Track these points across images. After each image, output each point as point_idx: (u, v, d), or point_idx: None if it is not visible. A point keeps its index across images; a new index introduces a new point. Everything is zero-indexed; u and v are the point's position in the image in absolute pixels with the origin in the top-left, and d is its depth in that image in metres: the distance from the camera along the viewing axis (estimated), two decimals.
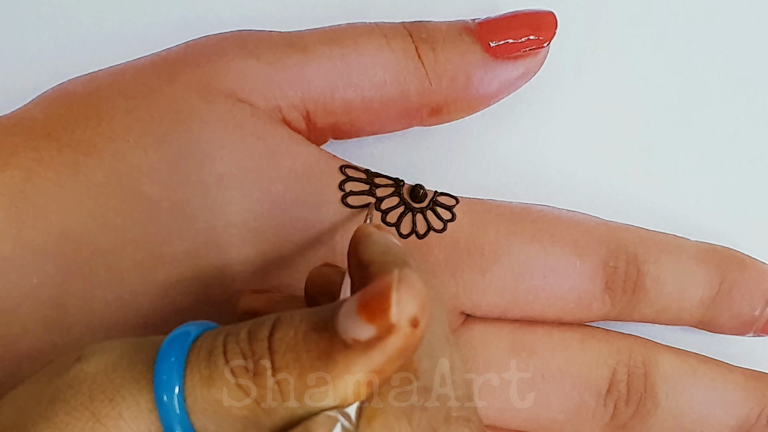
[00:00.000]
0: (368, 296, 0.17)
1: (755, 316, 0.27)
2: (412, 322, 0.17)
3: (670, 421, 0.27)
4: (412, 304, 0.17)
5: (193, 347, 0.19)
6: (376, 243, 0.21)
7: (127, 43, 0.29)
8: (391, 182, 0.27)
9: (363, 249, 0.21)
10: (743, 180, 0.30)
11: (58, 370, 0.19)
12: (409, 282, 0.17)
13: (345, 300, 0.18)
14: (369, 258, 0.20)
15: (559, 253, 0.27)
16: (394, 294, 0.17)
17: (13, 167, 0.24)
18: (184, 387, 0.18)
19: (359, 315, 0.17)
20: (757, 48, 0.30)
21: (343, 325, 0.17)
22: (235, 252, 0.25)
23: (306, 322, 0.18)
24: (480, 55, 0.27)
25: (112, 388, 0.18)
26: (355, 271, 0.21)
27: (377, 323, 0.17)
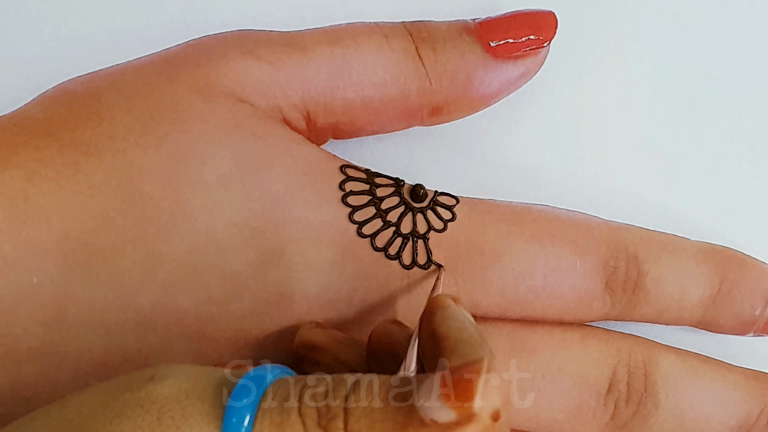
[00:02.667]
0: (454, 378, 0.17)
1: (755, 315, 0.27)
2: (494, 415, 0.17)
3: (671, 421, 0.27)
4: (498, 396, 0.17)
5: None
6: (452, 318, 0.21)
7: (127, 42, 0.29)
8: (392, 182, 0.27)
9: (438, 321, 0.21)
10: (743, 180, 0.30)
11: (129, 385, 0.19)
12: (496, 375, 0.17)
13: (427, 376, 0.18)
14: (444, 332, 0.20)
15: (559, 253, 0.27)
16: (481, 384, 0.17)
17: (13, 167, 0.24)
18: (252, 429, 0.18)
19: (442, 396, 0.17)
20: (757, 48, 0.31)
21: (424, 402, 0.17)
22: (235, 252, 0.25)
23: (384, 390, 0.18)
24: (480, 55, 0.27)
25: (181, 415, 0.18)
26: (427, 341, 0.21)
27: (458, 409, 0.17)
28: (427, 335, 0.21)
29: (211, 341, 0.25)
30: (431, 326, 0.21)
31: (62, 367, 0.24)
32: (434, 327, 0.21)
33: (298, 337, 0.25)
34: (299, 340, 0.25)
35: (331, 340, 0.24)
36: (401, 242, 0.26)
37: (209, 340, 0.25)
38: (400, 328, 0.24)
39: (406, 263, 0.26)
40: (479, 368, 0.17)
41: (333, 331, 0.25)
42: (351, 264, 0.26)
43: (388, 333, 0.24)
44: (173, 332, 0.24)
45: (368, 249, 0.26)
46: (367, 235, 0.26)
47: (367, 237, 0.26)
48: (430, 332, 0.21)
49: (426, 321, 0.22)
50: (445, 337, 0.20)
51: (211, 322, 0.25)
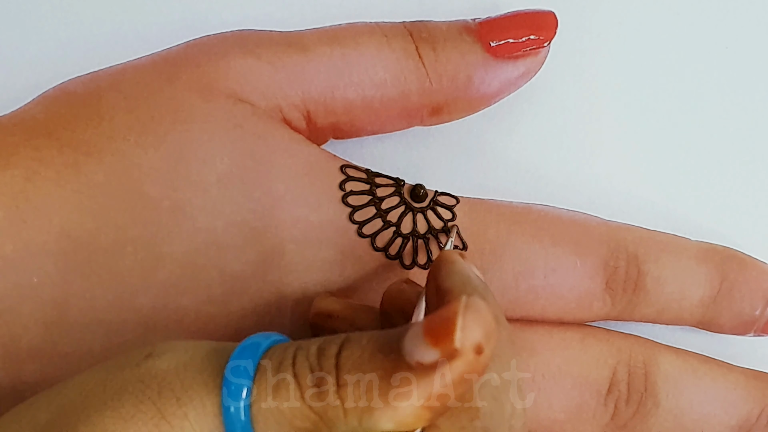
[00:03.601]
0: (435, 320, 0.17)
1: (756, 315, 0.27)
2: (476, 348, 0.17)
3: (671, 421, 0.27)
4: (477, 330, 0.17)
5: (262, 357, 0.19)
6: (457, 272, 0.21)
7: (127, 42, 0.29)
8: (392, 182, 0.27)
9: (444, 276, 0.21)
10: (743, 180, 0.30)
11: (127, 362, 0.20)
12: (476, 309, 0.17)
13: (413, 323, 0.18)
14: (449, 286, 0.21)
15: (559, 253, 0.27)
16: (459, 319, 0.17)
17: (13, 167, 0.24)
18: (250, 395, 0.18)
19: (425, 338, 0.17)
20: (757, 48, 0.31)
21: (408, 347, 0.17)
22: (235, 252, 0.25)
23: (373, 342, 0.18)
24: (480, 55, 0.27)
25: (180, 387, 0.19)
26: (433, 296, 0.21)
27: (441, 347, 0.17)
28: (434, 291, 0.21)
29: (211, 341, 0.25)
30: (437, 281, 0.21)
31: (63, 366, 0.24)
32: (439, 282, 0.21)
33: (314, 306, 0.25)
34: (315, 310, 0.25)
35: (346, 308, 0.24)
36: (401, 242, 0.26)
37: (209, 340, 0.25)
38: (412, 287, 0.24)
39: (406, 263, 0.26)
40: (458, 305, 0.17)
41: (347, 299, 0.25)
42: (351, 264, 0.26)
43: (400, 292, 0.24)
44: (173, 332, 0.24)
45: (368, 249, 0.26)
46: (367, 235, 0.26)
47: (368, 237, 0.26)
48: (436, 288, 0.21)
49: (433, 277, 0.22)
50: (449, 291, 0.20)
51: (211, 321, 0.25)
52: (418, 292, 0.24)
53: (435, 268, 0.22)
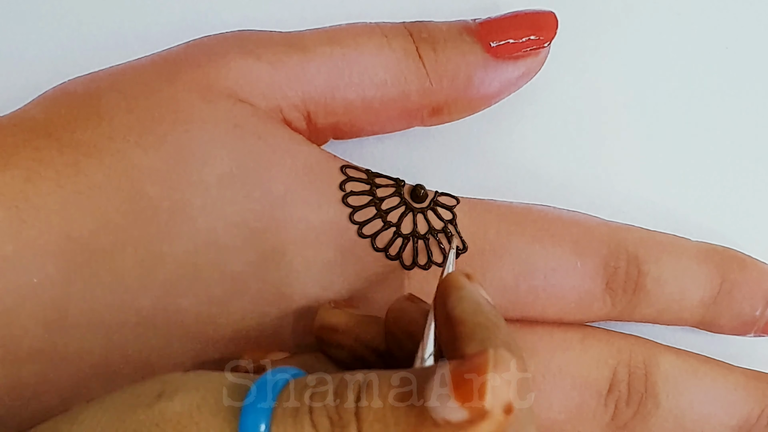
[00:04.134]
0: (463, 377, 0.17)
1: (756, 316, 0.27)
2: (506, 408, 0.17)
3: (671, 422, 0.27)
4: (507, 390, 0.16)
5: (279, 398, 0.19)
6: (466, 300, 0.21)
7: (127, 43, 0.29)
8: (392, 182, 0.27)
9: (453, 304, 0.21)
10: (744, 180, 0.30)
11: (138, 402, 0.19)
12: (505, 366, 0.17)
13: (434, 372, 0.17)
14: (459, 316, 0.20)
15: (559, 253, 0.27)
16: (490, 379, 0.16)
17: (13, 167, 0.24)
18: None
19: (452, 395, 0.17)
20: (757, 48, 0.31)
21: (434, 402, 0.17)
22: (235, 252, 0.25)
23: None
24: (481, 55, 0.27)
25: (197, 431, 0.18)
26: (443, 324, 0.21)
27: (470, 407, 0.17)
28: (443, 318, 0.21)
29: (211, 341, 0.25)
30: (446, 309, 0.21)
31: (62, 367, 0.24)
32: (449, 310, 0.21)
33: (318, 320, 0.25)
34: (319, 323, 0.24)
35: (351, 321, 0.24)
36: (402, 243, 0.26)
37: (209, 341, 0.25)
38: (415, 306, 0.24)
39: (406, 264, 0.26)
40: (486, 362, 0.17)
41: (351, 310, 0.25)
42: (351, 264, 0.26)
43: (402, 311, 0.23)
44: (174, 332, 0.24)
45: (369, 249, 0.26)
46: (367, 236, 0.26)
47: (368, 237, 0.26)
48: (445, 315, 0.21)
49: (440, 303, 0.21)
50: (461, 322, 0.20)
51: (211, 322, 0.25)
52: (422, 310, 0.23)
53: (442, 294, 0.21)
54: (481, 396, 0.16)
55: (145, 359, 0.24)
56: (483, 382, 0.16)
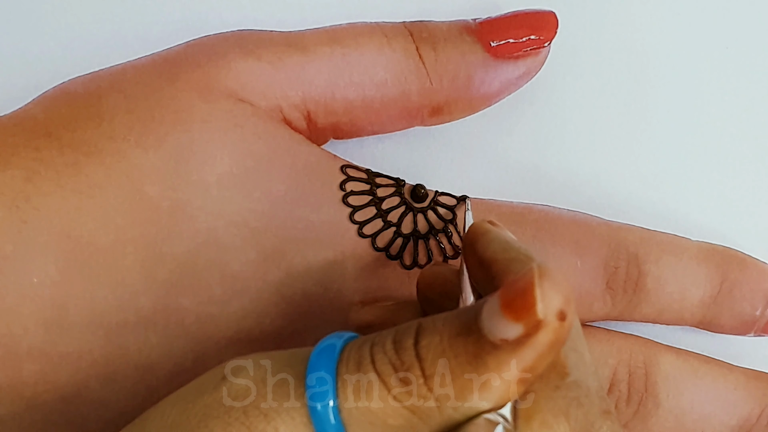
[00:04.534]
0: (511, 295, 0.17)
1: (756, 316, 0.27)
2: (559, 315, 0.17)
3: (671, 421, 0.27)
4: (557, 297, 0.16)
5: (340, 359, 0.19)
6: (495, 240, 0.21)
7: (127, 42, 0.29)
8: (392, 182, 0.27)
9: (482, 247, 0.21)
10: (744, 180, 0.30)
11: (203, 388, 0.19)
12: (551, 275, 0.17)
13: (485, 301, 0.18)
14: (491, 256, 0.20)
15: (560, 253, 0.27)
16: (537, 289, 0.16)
17: (13, 167, 0.24)
18: (337, 399, 0.18)
19: (504, 314, 0.17)
20: (757, 48, 0.31)
21: (489, 326, 0.17)
22: (235, 252, 0.25)
23: (449, 326, 0.18)
24: (481, 55, 0.27)
25: (264, 403, 0.19)
26: (477, 270, 0.21)
27: (524, 321, 0.17)
28: (476, 265, 0.21)
29: (211, 341, 0.25)
30: (477, 254, 0.21)
31: (62, 367, 0.24)
32: (480, 254, 0.21)
33: (352, 323, 0.25)
34: (355, 325, 0.25)
35: (383, 313, 0.24)
36: (402, 242, 0.26)
37: (210, 340, 0.25)
38: (445, 268, 0.24)
39: (406, 264, 0.26)
40: (532, 275, 0.16)
41: (381, 303, 0.25)
42: (352, 264, 0.26)
43: (435, 275, 0.24)
44: (174, 332, 0.24)
45: (369, 249, 0.26)
46: (367, 236, 0.26)
47: (368, 237, 0.26)
48: (477, 261, 0.21)
49: (470, 251, 0.21)
50: (494, 261, 0.20)
51: (211, 322, 0.25)
52: (453, 270, 0.24)
53: (470, 242, 0.22)
54: (533, 307, 0.16)
55: (146, 359, 0.24)
56: (532, 294, 0.16)
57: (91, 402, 0.24)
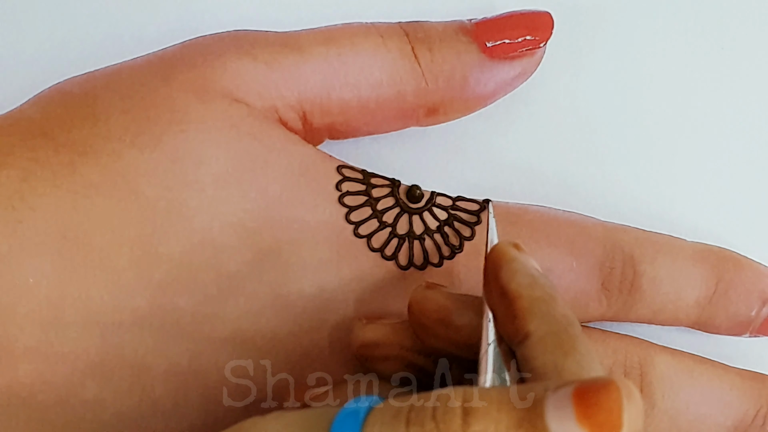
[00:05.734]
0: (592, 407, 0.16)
1: (751, 316, 0.27)
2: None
3: (666, 422, 0.27)
4: (637, 421, 0.16)
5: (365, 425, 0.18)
6: (520, 272, 0.21)
7: (123, 43, 0.29)
8: (388, 183, 0.27)
9: (507, 277, 0.21)
10: (740, 181, 0.30)
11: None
12: (634, 399, 0.16)
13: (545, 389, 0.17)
14: (515, 290, 0.20)
15: (555, 254, 0.27)
16: (625, 413, 0.16)
17: (9, 167, 0.24)
18: None
19: (580, 424, 0.16)
20: (754, 49, 0.30)
21: (557, 428, 0.17)
22: (231, 252, 0.25)
23: (506, 414, 0.17)
24: (476, 56, 0.27)
25: None
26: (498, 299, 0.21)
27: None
28: (497, 293, 0.21)
29: (207, 341, 0.25)
30: (500, 283, 0.21)
31: (58, 367, 0.24)
32: (503, 284, 0.20)
33: (355, 339, 0.25)
34: (359, 342, 0.24)
35: (389, 332, 0.24)
36: (397, 243, 0.26)
37: (205, 340, 0.25)
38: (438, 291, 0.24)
39: (402, 264, 0.26)
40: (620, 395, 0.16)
41: (386, 321, 0.25)
42: (347, 264, 0.26)
43: (426, 299, 0.23)
44: (170, 332, 0.24)
45: (364, 249, 0.26)
46: (363, 236, 0.26)
47: (364, 237, 0.26)
48: (499, 290, 0.21)
49: (492, 277, 0.21)
50: (518, 297, 0.20)
51: (207, 322, 0.25)
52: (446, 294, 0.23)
53: (494, 266, 0.21)
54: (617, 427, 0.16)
55: (141, 359, 0.24)
56: (619, 415, 0.16)
57: (87, 402, 0.24)
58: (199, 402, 0.25)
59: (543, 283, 0.21)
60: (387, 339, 0.24)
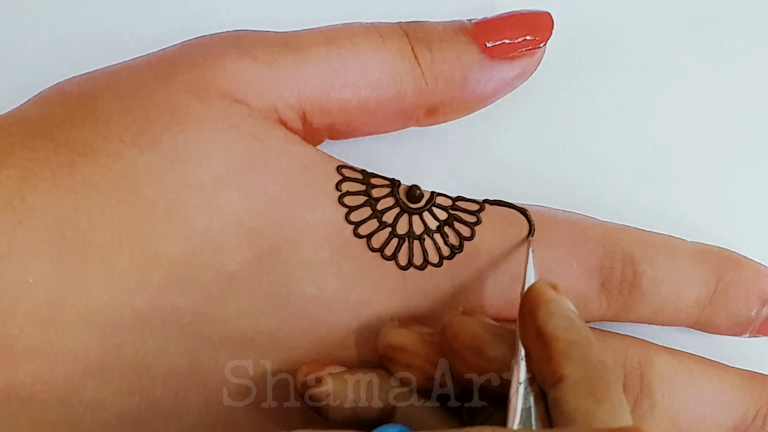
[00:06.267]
0: None
1: (751, 316, 0.27)
2: None
3: (666, 422, 0.27)
4: None
5: None
6: (557, 315, 0.21)
7: (123, 43, 0.29)
8: (388, 183, 0.27)
9: (543, 319, 0.21)
10: (739, 181, 0.30)
11: None
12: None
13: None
14: (552, 332, 0.20)
15: (555, 254, 0.27)
16: None
17: (9, 167, 0.24)
18: None
19: None
20: (754, 49, 0.31)
21: None
22: (231, 252, 0.25)
23: None
24: (476, 56, 0.27)
25: None
26: (533, 339, 0.21)
27: None
28: (533, 333, 0.21)
29: (207, 341, 0.25)
30: (536, 323, 0.21)
31: (58, 367, 0.24)
32: (540, 325, 0.21)
33: (383, 338, 0.25)
34: (385, 342, 0.24)
35: (419, 341, 0.24)
36: (397, 243, 0.26)
37: (205, 340, 0.25)
38: (474, 319, 0.24)
39: (401, 264, 0.26)
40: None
41: (418, 329, 0.25)
42: (347, 264, 0.26)
43: (461, 326, 0.23)
44: (170, 332, 0.24)
45: (364, 249, 0.26)
46: (363, 236, 0.26)
47: (363, 237, 0.26)
48: (535, 330, 0.21)
49: (529, 316, 0.21)
50: (555, 339, 0.20)
51: (207, 322, 0.25)
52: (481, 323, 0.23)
53: (530, 305, 0.21)
54: None
55: (141, 359, 0.24)
56: None
57: (87, 402, 0.24)
58: (199, 402, 0.25)
59: (580, 326, 0.21)
60: (415, 347, 0.24)
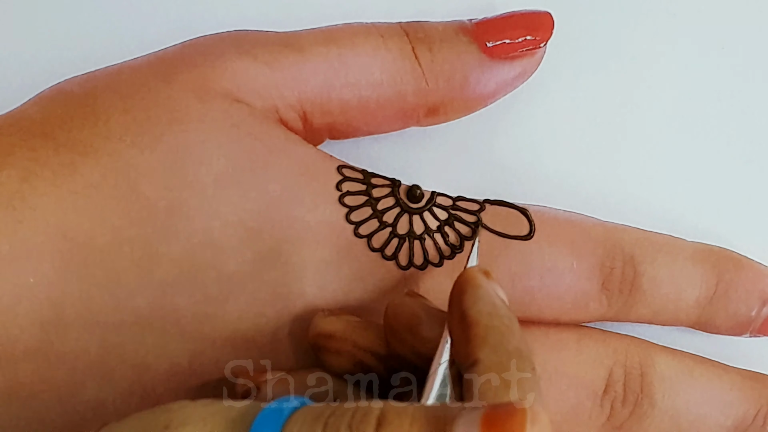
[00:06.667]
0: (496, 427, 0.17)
1: (751, 316, 0.27)
2: None
3: (667, 422, 0.27)
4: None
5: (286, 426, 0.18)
6: (483, 300, 0.21)
7: (123, 43, 0.29)
8: (388, 182, 0.27)
9: (468, 303, 0.21)
10: (740, 180, 0.30)
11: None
12: (540, 424, 0.17)
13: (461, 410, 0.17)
14: (474, 317, 0.20)
15: (555, 254, 0.27)
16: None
17: (9, 167, 0.24)
18: None
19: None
20: (754, 48, 0.31)
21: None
22: (231, 252, 0.25)
23: (416, 426, 0.18)
24: (477, 56, 0.27)
25: None
26: (457, 322, 0.21)
27: None
28: (458, 316, 0.21)
29: (207, 341, 0.25)
30: (461, 307, 0.21)
31: (59, 367, 0.24)
32: (464, 308, 0.21)
33: (313, 327, 0.25)
34: (315, 331, 0.24)
35: (347, 327, 0.24)
36: (398, 243, 0.26)
37: (206, 340, 0.25)
38: (415, 301, 0.24)
39: (402, 264, 0.26)
40: (524, 418, 0.17)
41: (347, 316, 0.25)
42: (348, 264, 0.26)
43: (403, 306, 0.24)
44: (170, 332, 0.24)
45: (365, 249, 0.26)
46: (363, 236, 0.26)
47: (364, 237, 0.26)
48: (460, 313, 0.21)
49: (456, 300, 0.21)
50: (476, 323, 0.20)
51: (207, 321, 0.25)
52: (422, 305, 0.24)
53: (459, 290, 0.21)
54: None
55: (142, 359, 0.24)
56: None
57: (88, 402, 0.24)
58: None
59: (503, 314, 0.21)
60: (342, 333, 0.24)
